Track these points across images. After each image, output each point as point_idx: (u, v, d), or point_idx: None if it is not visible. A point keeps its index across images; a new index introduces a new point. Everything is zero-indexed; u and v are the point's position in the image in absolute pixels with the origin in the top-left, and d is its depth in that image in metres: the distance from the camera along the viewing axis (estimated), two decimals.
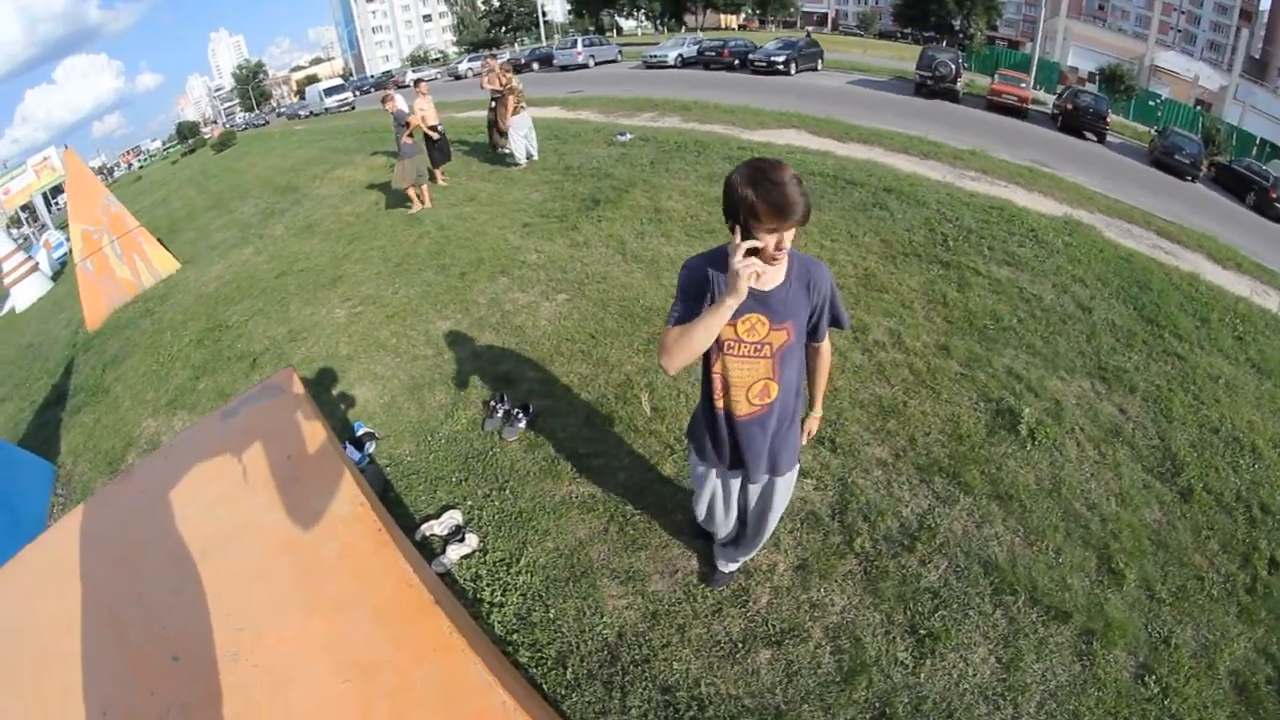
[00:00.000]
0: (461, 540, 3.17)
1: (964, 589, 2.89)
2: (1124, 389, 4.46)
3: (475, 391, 4.43)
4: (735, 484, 2.37)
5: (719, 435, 2.12)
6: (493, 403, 4.12)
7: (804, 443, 2.32)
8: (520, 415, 3.98)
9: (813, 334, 2.03)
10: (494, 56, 11.35)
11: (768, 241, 1.64)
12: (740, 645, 2.64)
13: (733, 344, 1.91)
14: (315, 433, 1.77)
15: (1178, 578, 3.11)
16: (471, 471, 3.72)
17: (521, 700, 1.24)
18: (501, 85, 10.28)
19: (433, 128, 9.49)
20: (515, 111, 9.74)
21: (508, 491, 3.53)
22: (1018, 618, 2.79)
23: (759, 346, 1.90)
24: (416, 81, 10.29)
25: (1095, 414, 4.18)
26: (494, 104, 10.69)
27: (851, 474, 3.50)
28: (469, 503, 3.49)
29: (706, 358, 1.98)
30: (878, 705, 2.43)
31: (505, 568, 3.07)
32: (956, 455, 3.66)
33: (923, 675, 2.54)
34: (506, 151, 10.80)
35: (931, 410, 4.03)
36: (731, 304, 1.64)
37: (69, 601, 1.47)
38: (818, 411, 2.35)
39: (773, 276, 1.84)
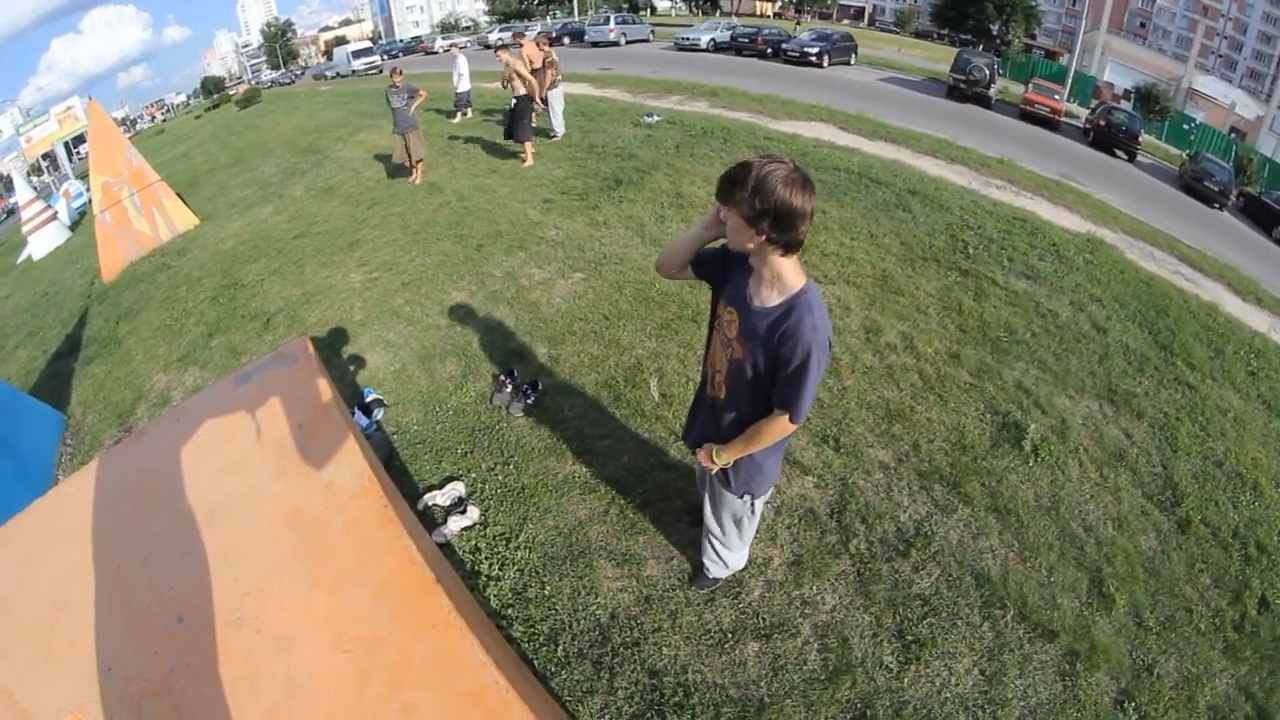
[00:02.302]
0: (463, 512, 3.21)
1: (954, 599, 2.92)
2: (1131, 413, 4.45)
3: (485, 365, 4.46)
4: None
5: (698, 394, 2.30)
6: (502, 377, 4.15)
7: (701, 460, 2.21)
8: (529, 391, 4.02)
9: (772, 393, 1.88)
10: (523, 33, 11.09)
11: None
12: (730, 636, 2.68)
13: (719, 324, 2.02)
14: (327, 403, 1.79)
15: (1167, 608, 3.13)
16: (477, 444, 3.76)
17: (514, 680, 1.27)
18: (529, 62, 10.23)
19: (527, 97, 8.74)
20: (553, 85, 9.66)
21: (511, 466, 3.57)
22: (1005, 632, 2.82)
23: (727, 344, 1.96)
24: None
25: (1100, 436, 4.18)
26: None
27: (853, 475, 3.53)
28: (473, 475, 3.53)
29: (709, 327, 2.15)
30: (859, 706, 2.47)
31: (505, 542, 3.12)
32: (958, 465, 3.68)
33: (906, 680, 2.57)
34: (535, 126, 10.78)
35: (937, 417, 4.04)
36: (702, 225, 1.89)
37: (77, 557, 1.51)
38: (718, 455, 2.11)
39: (765, 294, 1.81)
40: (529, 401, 3.98)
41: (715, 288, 2.04)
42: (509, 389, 4.08)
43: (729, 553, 2.61)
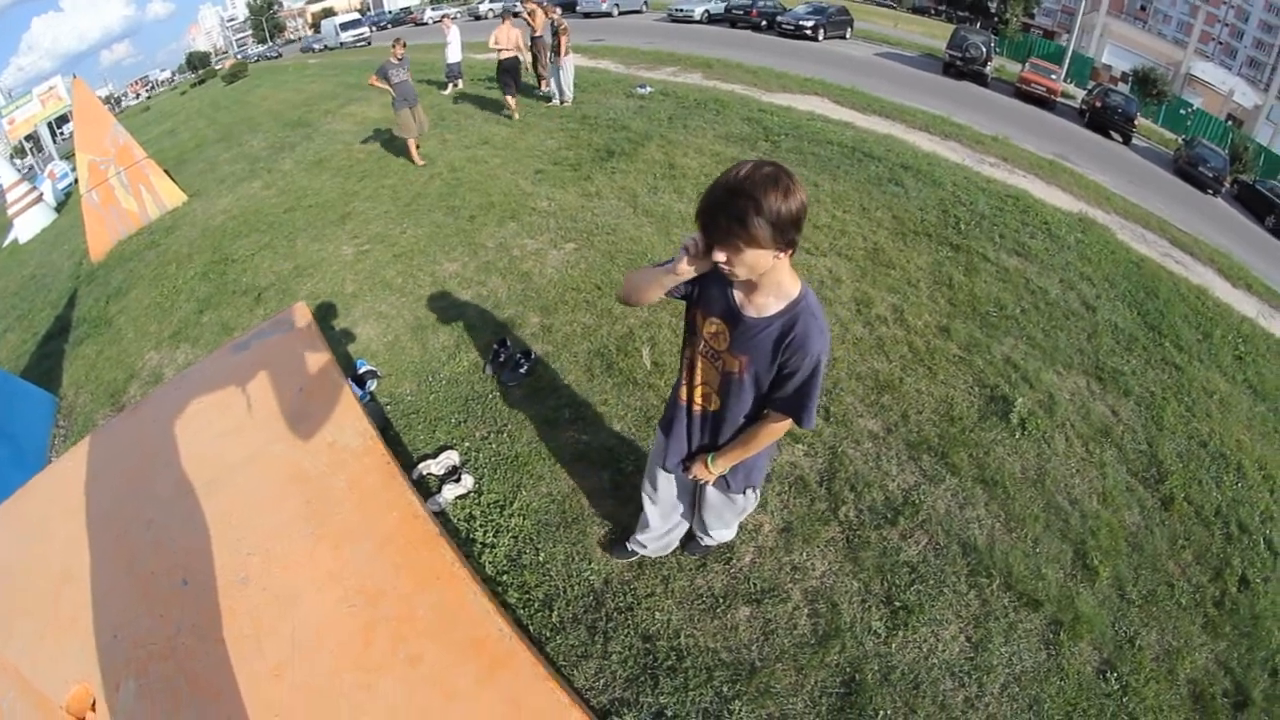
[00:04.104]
0: (457, 480, 3.22)
1: (941, 566, 2.96)
2: (1118, 391, 4.50)
3: (478, 335, 4.45)
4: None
5: (675, 413, 2.08)
6: (495, 347, 4.14)
7: (692, 475, 2.11)
8: (522, 361, 4.02)
9: (769, 400, 1.80)
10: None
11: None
12: (721, 600, 2.72)
13: (701, 336, 1.86)
14: (326, 367, 1.79)
15: (1149, 582, 3.20)
16: (470, 414, 3.77)
17: (515, 628, 1.28)
18: (539, 29, 10.31)
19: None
20: (566, 52, 9.78)
21: (505, 435, 3.58)
22: (990, 600, 2.87)
23: (716, 356, 1.82)
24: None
25: (1087, 412, 4.23)
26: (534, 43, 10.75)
27: (842, 444, 3.56)
28: (466, 444, 3.54)
29: (686, 340, 1.96)
30: (848, 670, 2.52)
31: (499, 510, 3.13)
32: (947, 436, 3.72)
33: (894, 646, 2.62)
34: (546, 90, 10.86)
35: (926, 389, 4.08)
36: (670, 273, 1.65)
37: (79, 528, 1.49)
38: (713, 463, 2.00)
39: (760, 302, 1.68)
40: (522, 371, 3.98)
41: (690, 300, 1.87)
42: (502, 359, 4.08)
43: (725, 530, 2.58)
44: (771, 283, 1.63)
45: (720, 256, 1.52)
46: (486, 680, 1.06)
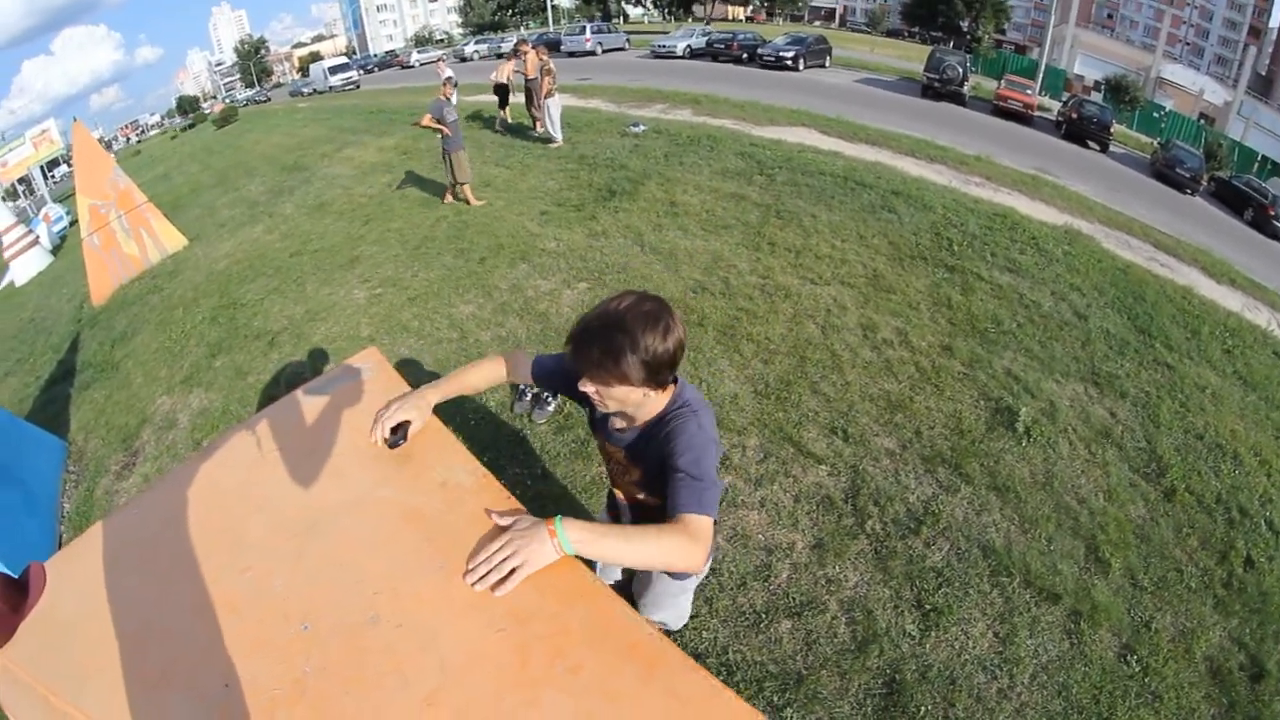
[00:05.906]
0: None
1: (965, 569, 3.13)
2: (1115, 394, 4.71)
3: None
4: None
5: (610, 499, 2.05)
6: (521, 386, 4.25)
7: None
8: (549, 398, 4.15)
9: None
10: (525, 41, 12.07)
11: None
12: (763, 616, 2.86)
13: (604, 448, 1.78)
14: None
15: (1159, 569, 3.38)
16: (502, 453, 3.89)
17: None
18: (530, 73, 10.83)
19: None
20: (549, 94, 10.15)
21: (539, 471, 3.71)
22: (1013, 597, 3.03)
23: (623, 469, 1.72)
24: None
25: (1087, 416, 4.44)
26: (527, 85, 11.26)
27: (862, 462, 3.74)
28: (502, 482, 3.62)
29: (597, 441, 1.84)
30: (888, 672, 2.67)
31: None
32: (958, 448, 3.91)
33: (928, 646, 2.78)
34: (542, 132, 11.16)
35: (936, 406, 4.27)
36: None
37: (155, 581, 1.42)
38: (564, 527, 1.28)
39: (640, 421, 1.57)
40: (550, 408, 4.12)
41: (587, 407, 1.71)
42: (529, 397, 4.21)
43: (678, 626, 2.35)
44: (651, 404, 1.53)
45: (589, 388, 1.46)
46: (647, 678, 1.11)
